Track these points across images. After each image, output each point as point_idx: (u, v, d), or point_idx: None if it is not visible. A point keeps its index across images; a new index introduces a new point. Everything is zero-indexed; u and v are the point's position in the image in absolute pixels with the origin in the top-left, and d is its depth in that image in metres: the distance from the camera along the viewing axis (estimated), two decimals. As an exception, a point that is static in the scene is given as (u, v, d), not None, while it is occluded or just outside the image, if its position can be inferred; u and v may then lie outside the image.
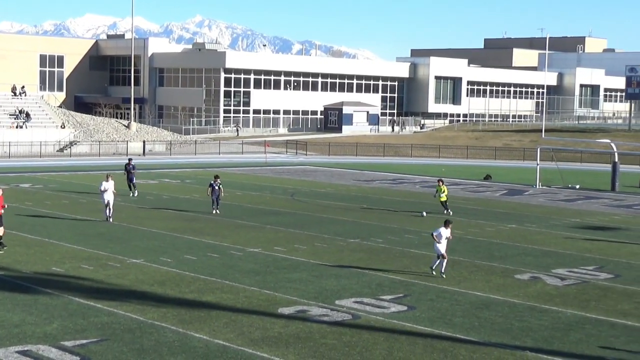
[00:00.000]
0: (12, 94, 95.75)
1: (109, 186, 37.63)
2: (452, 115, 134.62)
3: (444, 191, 41.81)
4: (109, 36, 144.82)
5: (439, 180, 43.25)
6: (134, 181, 48.91)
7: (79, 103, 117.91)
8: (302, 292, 24.30)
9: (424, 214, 41.62)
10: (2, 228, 28.49)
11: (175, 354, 18.17)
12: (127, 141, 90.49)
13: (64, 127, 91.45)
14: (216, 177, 41.61)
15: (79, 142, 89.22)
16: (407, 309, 22.60)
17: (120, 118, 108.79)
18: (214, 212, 40.71)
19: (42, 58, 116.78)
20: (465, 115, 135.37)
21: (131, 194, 47.67)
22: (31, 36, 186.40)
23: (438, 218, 38.18)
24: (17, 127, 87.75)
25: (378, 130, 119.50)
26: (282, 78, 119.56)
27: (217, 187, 40.78)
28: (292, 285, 25.19)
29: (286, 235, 34.80)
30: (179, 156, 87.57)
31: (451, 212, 41.47)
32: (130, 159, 51.51)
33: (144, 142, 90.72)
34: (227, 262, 28.68)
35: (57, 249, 30.40)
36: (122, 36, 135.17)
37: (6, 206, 28.46)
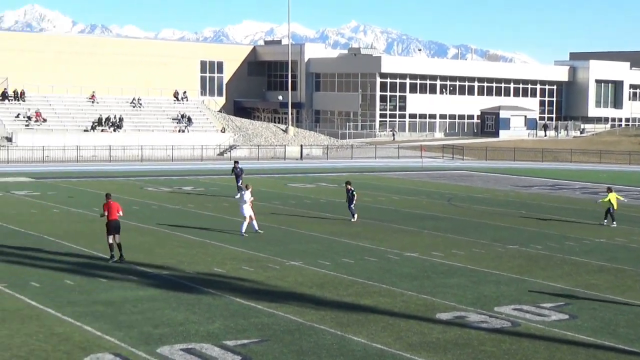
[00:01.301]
0: (175, 99, 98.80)
1: (247, 197, 35.22)
2: (613, 119, 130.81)
3: (612, 199, 39.63)
4: (266, 42, 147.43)
5: (608, 189, 41.05)
6: (240, 183, 49.15)
7: (238, 108, 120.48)
8: (460, 297, 24.09)
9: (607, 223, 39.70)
10: (117, 236, 28.50)
11: (334, 356, 18.32)
12: (284, 145, 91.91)
13: (224, 131, 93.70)
14: (347, 182, 40.74)
15: (238, 146, 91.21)
16: (568, 317, 22.08)
17: (278, 122, 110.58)
18: (352, 219, 39.64)
19: (203, 64, 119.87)
20: (627, 120, 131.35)
21: (237, 196, 48.43)
22: (192, 43, 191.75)
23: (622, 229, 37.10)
24: (179, 131, 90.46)
25: (536, 134, 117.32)
26: (438, 82, 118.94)
27: (350, 194, 39.59)
28: (449, 290, 25.01)
29: (444, 241, 34.57)
30: (335, 160, 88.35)
31: (614, 224, 39.72)
32: (236, 162, 52.68)
33: (301, 146, 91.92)
34: (384, 265, 28.74)
35: (218, 251, 31.15)
36: (279, 42, 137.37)
37: (121, 214, 28.91)
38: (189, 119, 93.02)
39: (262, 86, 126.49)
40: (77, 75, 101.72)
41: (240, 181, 49.77)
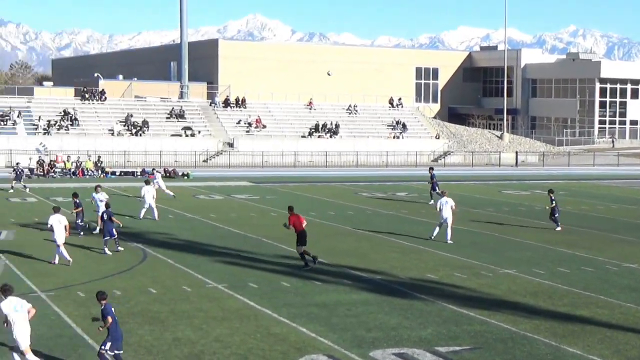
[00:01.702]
0: (390, 105, 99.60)
1: (444, 202, 34.90)
2: None
3: None
4: (482, 48, 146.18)
5: None
6: (437, 190, 48.44)
7: (452, 114, 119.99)
8: (684, 312, 22.99)
9: None
10: (302, 247, 28.64)
11: (548, 367, 17.93)
12: (499, 152, 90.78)
13: (438, 137, 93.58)
14: (550, 191, 39.43)
15: (452, 152, 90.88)
16: None
17: (493, 129, 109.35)
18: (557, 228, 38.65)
19: (418, 70, 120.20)
20: None
21: (431, 201, 48.07)
22: (407, 50, 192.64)
23: None
24: (394, 137, 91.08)
25: None
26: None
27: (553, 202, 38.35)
28: (672, 304, 23.92)
29: (666, 252, 33.09)
30: (551, 167, 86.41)
31: None
32: (431, 168, 52.30)
33: (516, 152, 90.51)
34: (602, 276, 27.85)
35: (431, 257, 31.15)
36: (495, 48, 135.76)
37: (305, 223, 29.21)
38: (404, 126, 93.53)
39: (477, 92, 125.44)
40: (295, 82, 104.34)
41: (437, 188, 49.49)
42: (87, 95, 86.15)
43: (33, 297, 23.53)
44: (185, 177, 65.40)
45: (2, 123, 77.49)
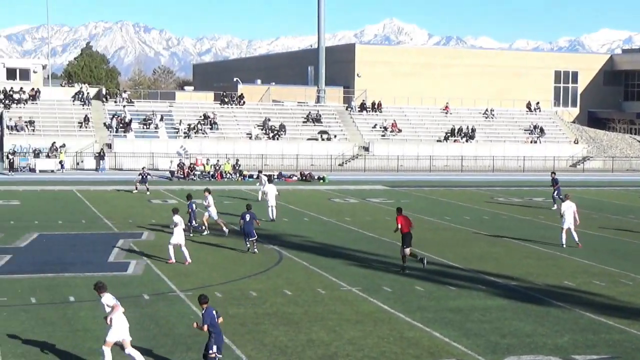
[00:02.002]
0: (527, 109, 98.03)
1: (566, 206, 34.43)
2: None
3: None
4: (624, 50, 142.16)
5: None
6: (560, 195, 47.01)
7: (591, 118, 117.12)
8: None
9: None
10: (408, 249, 28.68)
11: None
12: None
13: (577, 142, 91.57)
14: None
15: (591, 157, 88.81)
16: None
17: (634, 134, 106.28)
18: None
19: (557, 74, 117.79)
20: None
21: (554, 206, 47.16)
22: (545, 53, 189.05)
23: None
24: (531, 142, 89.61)
25: None
26: None
27: None
28: None
29: None
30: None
31: None
32: (553, 172, 51.72)
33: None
34: None
35: (568, 263, 30.55)
36: (638, 50, 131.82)
37: (413, 226, 29.13)
38: (542, 130, 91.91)
39: (618, 96, 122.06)
40: (431, 86, 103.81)
41: (558, 192, 48.37)
42: (226, 100, 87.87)
43: (172, 296, 24.21)
44: (321, 181, 66.00)
45: (144, 127, 79.84)
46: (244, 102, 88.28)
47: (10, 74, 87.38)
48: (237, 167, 69.16)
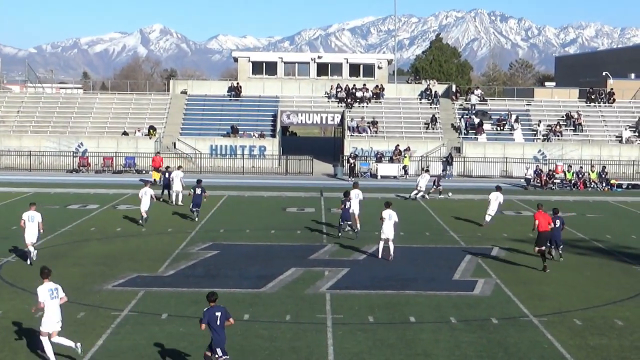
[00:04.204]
0: None
1: None
2: None
3: None
4: None
5: None
6: None
7: None
8: None
9: None
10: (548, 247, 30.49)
11: None
12: None
13: None
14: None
15: None
16: None
17: None
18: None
19: None
20: None
21: None
22: None
23: None
24: None
25: None
26: None
27: None
28: None
29: None
30: None
31: None
32: None
33: None
34: None
35: None
36: None
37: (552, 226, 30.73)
38: None
39: None
40: None
41: None
42: (593, 97, 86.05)
43: (524, 321, 24.05)
44: None
45: (498, 128, 79.96)
46: (614, 100, 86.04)
47: (354, 70, 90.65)
48: (604, 176, 67.40)
